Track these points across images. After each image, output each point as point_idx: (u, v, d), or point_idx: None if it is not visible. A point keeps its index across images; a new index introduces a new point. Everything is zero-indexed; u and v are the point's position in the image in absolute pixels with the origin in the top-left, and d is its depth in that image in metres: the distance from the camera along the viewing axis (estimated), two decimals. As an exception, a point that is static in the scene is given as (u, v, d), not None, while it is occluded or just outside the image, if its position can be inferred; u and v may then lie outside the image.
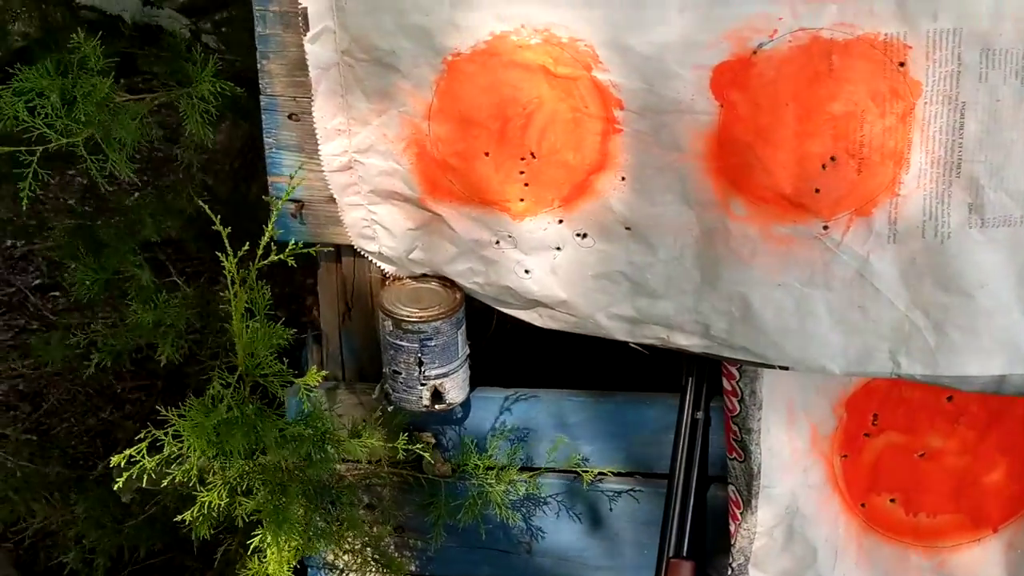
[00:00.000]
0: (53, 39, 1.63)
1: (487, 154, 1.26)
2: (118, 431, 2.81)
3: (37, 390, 2.98)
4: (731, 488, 1.45)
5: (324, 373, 1.24)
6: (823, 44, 1.13)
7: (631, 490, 1.53)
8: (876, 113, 1.15)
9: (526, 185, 1.27)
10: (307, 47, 1.24)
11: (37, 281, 3.48)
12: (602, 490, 1.53)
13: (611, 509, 1.55)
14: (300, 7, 1.22)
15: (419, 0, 1.18)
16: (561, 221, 1.29)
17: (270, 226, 1.18)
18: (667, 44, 1.15)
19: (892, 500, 1.44)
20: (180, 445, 1.15)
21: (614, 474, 1.51)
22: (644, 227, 1.26)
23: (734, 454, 1.42)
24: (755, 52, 1.14)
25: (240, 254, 1.16)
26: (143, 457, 1.15)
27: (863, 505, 1.45)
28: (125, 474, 1.22)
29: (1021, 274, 1.18)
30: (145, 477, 1.26)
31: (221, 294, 1.73)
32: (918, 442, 1.40)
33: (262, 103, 1.33)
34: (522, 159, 1.26)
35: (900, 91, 1.13)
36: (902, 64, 1.13)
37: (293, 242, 1.26)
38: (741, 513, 1.44)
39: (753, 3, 1.13)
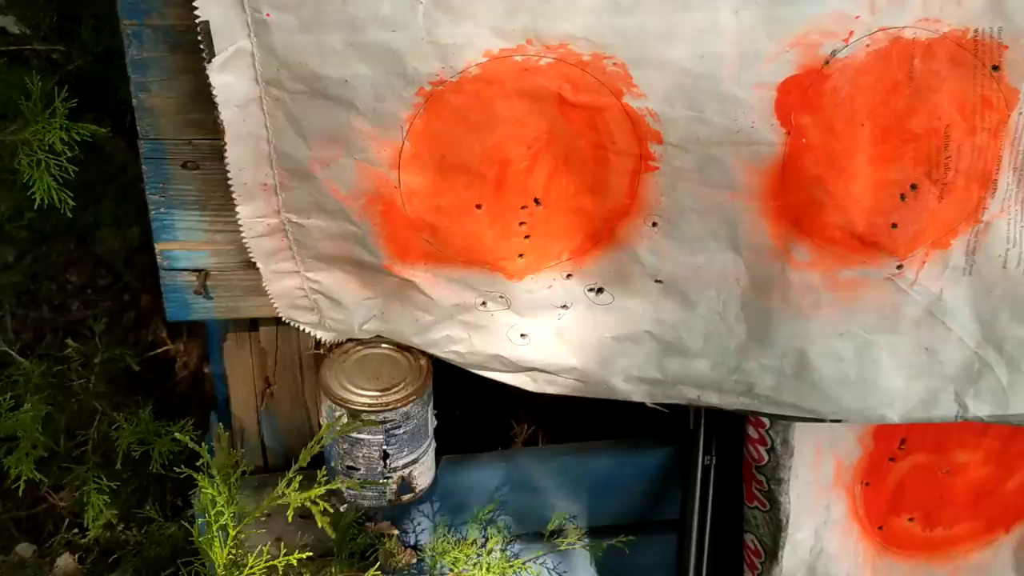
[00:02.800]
0: None
1: (479, 207, 0.95)
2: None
3: None
4: (749, 537, 1.28)
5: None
6: (904, 46, 0.90)
7: (628, 545, 1.32)
8: (964, 129, 0.93)
9: (527, 237, 0.98)
10: (213, 78, 0.86)
11: None
12: (591, 551, 1.31)
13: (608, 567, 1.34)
14: (198, 20, 0.84)
15: (379, 10, 0.83)
16: (570, 276, 1.02)
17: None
18: (721, 57, 0.87)
19: (911, 519, 1.32)
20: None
21: (611, 527, 1.29)
22: (680, 279, 1.00)
23: (756, 503, 1.24)
24: (828, 62, 0.89)
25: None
26: None
27: (880, 528, 1.32)
28: None
29: (1102, 301, 1.03)
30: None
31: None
32: (944, 460, 1.28)
33: (142, 150, 0.94)
34: (523, 208, 0.96)
35: (993, 100, 0.92)
36: (996, 67, 0.91)
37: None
38: (761, 563, 1.27)
39: (825, 0, 0.87)
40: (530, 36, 0.86)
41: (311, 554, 1.06)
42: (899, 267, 0.99)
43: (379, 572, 1.19)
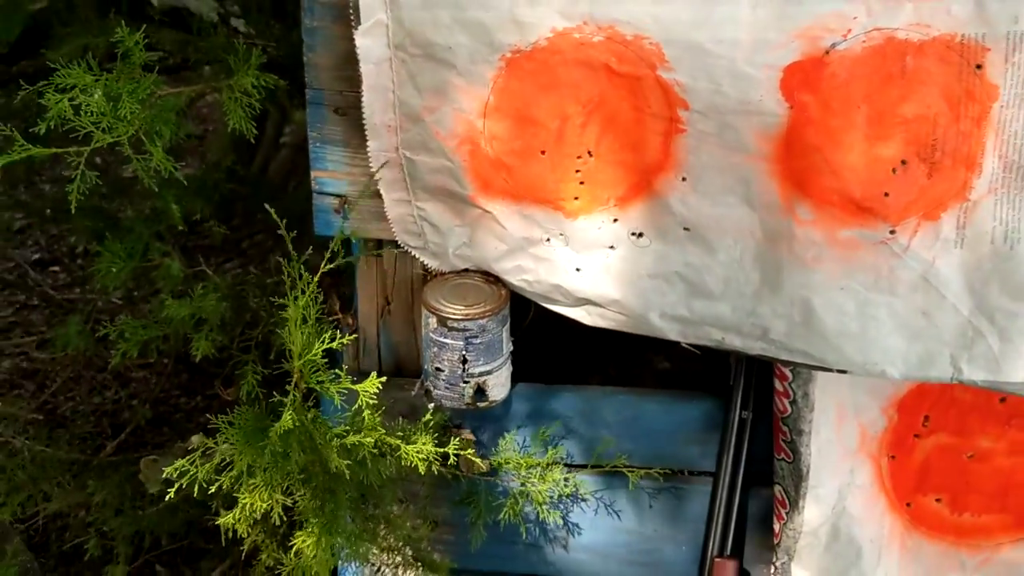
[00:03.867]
0: (76, 18, 1.56)
1: (543, 152, 1.22)
2: (125, 412, 2.78)
3: (41, 368, 2.93)
4: (777, 488, 1.44)
5: (383, 379, 1.20)
6: (898, 45, 1.10)
7: (671, 488, 1.51)
8: (950, 117, 1.12)
9: (582, 184, 1.24)
10: (358, 41, 1.19)
11: (36, 256, 3.41)
12: (641, 487, 1.51)
13: (650, 506, 1.53)
14: (352, -1, 1.17)
15: (478, -7, 1.13)
16: (616, 220, 1.26)
17: (338, 237, 1.14)
18: (737, 42, 1.11)
19: (938, 500, 1.43)
20: (230, 452, 1.12)
21: (659, 472, 1.49)
22: (704, 228, 1.22)
23: (782, 455, 1.41)
24: (827, 52, 1.11)
25: (304, 257, 1.11)
26: (195, 467, 1.11)
27: (909, 505, 1.44)
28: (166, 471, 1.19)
29: (1089, 281, 1.16)
30: (186, 480, 1.24)
31: (266, 280, 1.69)
32: (968, 443, 1.39)
33: (308, 96, 1.29)
34: (579, 158, 1.22)
35: (976, 94, 1.10)
36: (979, 66, 1.09)
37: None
38: (787, 513, 1.43)
39: (827, 2, 1.09)
40: (586, 19, 1.13)
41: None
42: (892, 232, 1.17)
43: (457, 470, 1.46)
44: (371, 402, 1.17)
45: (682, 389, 1.51)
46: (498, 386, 1.41)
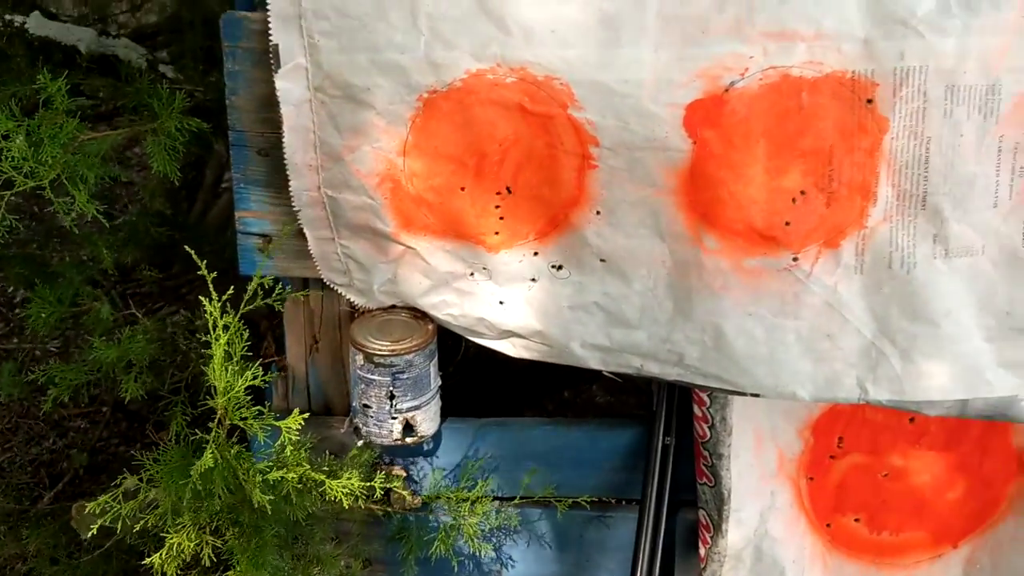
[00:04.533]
0: (7, 67, 1.58)
1: (463, 189, 1.26)
2: (62, 461, 2.74)
3: (-24, 419, 2.89)
4: (701, 512, 1.47)
5: (305, 415, 1.22)
6: (793, 82, 1.16)
7: (600, 516, 1.54)
8: (844, 148, 1.18)
9: (502, 219, 1.28)
10: (278, 84, 1.22)
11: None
12: (571, 517, 1.53)
13: (581, 535, 1.56)
14: (271, 44, 1.21)
15: (394, 38, 1.17)
16: (536, 253, 1.30)
17: (257, 275, 1.16)
18: (641, 82, 1.16)
19: (856, 520, 1.48)
20: (154, 490, 1.12)
21: (585, 501, 1.52)
22: (619, 259, 1.27)
23: (704, 479, 1.44)
24: (727, 90, 1.16)
25: (225, 297, 1.13)
26: (119, 504, 1.12)
27: (829, 525, 1.48)
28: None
29: (981, 302, 1.22)
30: (109, 517, 1.24)
31: (188, 325, 1.70)
32: (882, 462, 1.44)
33: (230, 139, 1.31)
34: (498, 193, 1.26)
35: (868, 127, 1.17)
36: (870, 101, 1.16)
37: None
38: (711, 537, 1.46)
39: (725, 43, 1.15)
40: (499, 60, 1.18)
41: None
42: (795, 259, 1.22)
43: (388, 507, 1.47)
44: (294, 438, 1.19)
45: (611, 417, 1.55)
46: (427, 421, 1.43)
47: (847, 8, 1.14)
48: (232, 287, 1.22)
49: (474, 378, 1.94)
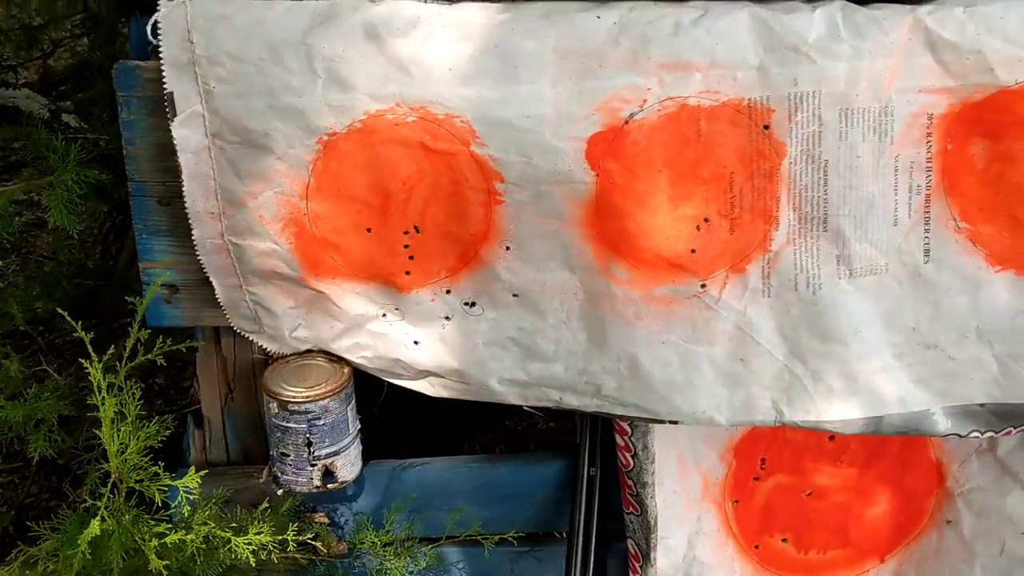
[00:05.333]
0: None
1: (370, 230, 1.24)
2: (-11, 519, 2.63)
3: None
4: (630, 542, 1.47)
5: (202, 474, 1.18)
6: (691, 111, 1.17)
7: (529, 551, 1.52)
8: (744, 174, 1.19)
9: (411, 258, 1.26)
10: (175, 132, 1.20)
11: None
12: (502, 553, 1.51)
13: (512, 571, 1.54)
14: (166, 92, 1.18)
15: (290, 82, 1.16)
16: (449, 291, 1.29)
17: (135, 328, 1.13)
18: (542, 117, 1.16)
19: (784, 540, 1.49)
20: (55, 562, 1.08)
21: (513, 537, 1.50)
22: (531, 293, 1.26)
23: (631, 508, 1.44)
24: (627, 122, 1.17)
25: (105, 358, 1.10)
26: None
27: (757, 547, 1.49)
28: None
29: (888, 319, 1.24)
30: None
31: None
32: (805, 482, 1.45)
33: (130, 189, 1.28)
34: (406, 233, 1.25)
35: (766, 152, 1.18)
36: (766, 127, 1.17)
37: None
38: (641, 566, 1.46)
39: (622, 76, 1.16)
40: (398, 100, 1.17)
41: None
42: (703, 286, 1.23)
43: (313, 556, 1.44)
44: (193, 497, 1.15)
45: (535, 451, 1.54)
46: (347, 466, 1.41)
47: (740, 37, 1.15)
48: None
49: (404, 416, 1.92)
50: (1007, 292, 1.23)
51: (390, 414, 1.91)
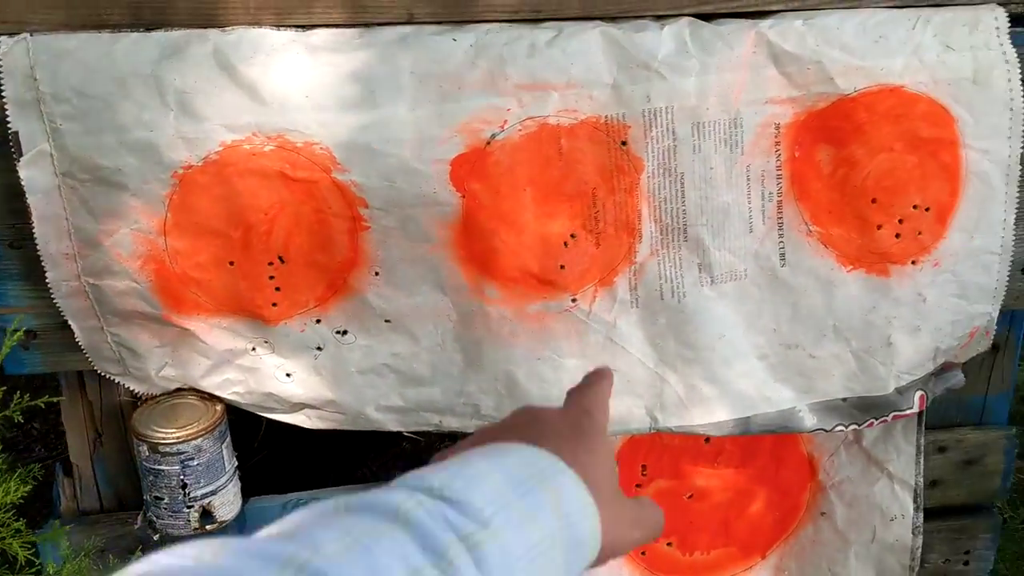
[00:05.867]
0: None
1: (232, 263, 1.22)
2: None
3: None
4: (520, 559, 1.47)
5: (66, 528, 1.13)
6: (551, 130, 1.19)
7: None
8: (606, 190, 1.22)
9: (278, 289, 1.24)
10: (21, 172, 1.15)
11: None
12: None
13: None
14: (10, 131, 1.14)
15: (141, 116, 1.13)
16: (319, 321, 1.27)
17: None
18: (403, 141, 1.16)
19: (669, 544, 1.52)
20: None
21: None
22: (404, 318, 1.26)
23: (518, 526, 1.44)
24: (489, 143, 1.18)
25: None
26: None
27: (643, 553, 1.51)
28: None
29: (750, 322, 1.29)
30: None
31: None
32: (685, 485, 1.49)
33: (-24, 233, 1.22)
34: (270, 264, 1.23)
35: (625, 167, 1.21)
36: (624, 143, 1.20)
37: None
38: (532, 582, 1.46)
39: (481, 97, 1.17)
40: (254, 130, 1.15)
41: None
42: (574, 300, 1.25)
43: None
44: (64, 553, 1.10)
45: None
46: (226, 505, 1.37)
47: (593, 57, 1.18)
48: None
49: (292, 447, 1.88)
50: (859, 290, 1.29)
51: (275, 446, 1.87)
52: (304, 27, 1.19)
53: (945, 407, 1.52)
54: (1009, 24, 1.25)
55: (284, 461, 1.86)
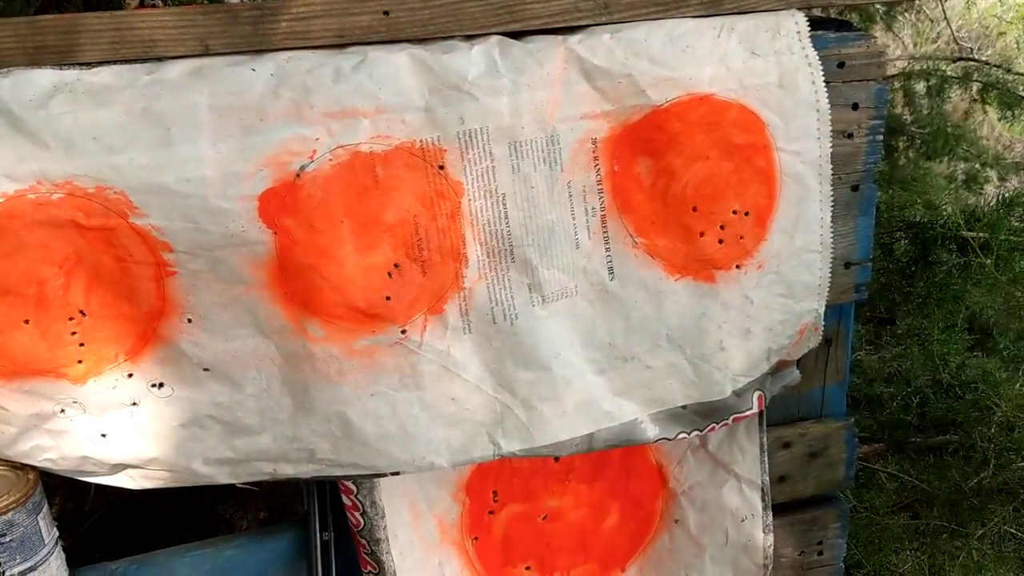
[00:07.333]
0: None
1: (27, 321, 1.12)
2: None
3: None
4: (374, 602, 1.42)
5: None
6: (364, 158, 1.15)
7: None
8: (428, 216, 1.18)
9: (82, 345, 1.16)
10: None
11: None
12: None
13: (258, 656, 1.44)
14: None
15: (-95, 168, 1.03)
16: (131, 375, 1.19)
17: None
18: (205, 179, 1.10)
19: (528, 568, 1.49)
20: None
21: (253, 620, 1.41)
22: (224, 365, 1.19)
23: (368, 568, 1.39)
24: (299, 175, 1.13)
25: None
26: None
27: (502, 581, 1.48)
28: None
29: (585, 339, 1.27)
30: None
31: None
32: (538, 507, 1.47)
33: None
34: (71, 319, 1.14)
35: (445, 192, 1.18)
36: (441, 167, 1.17)
37: None
38: (389, 625, 1.41)
39: (286, 128, 1.11)
40: (39, 178, 1.07)
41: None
42: (403, 332, 1.21)
43: None
44: None
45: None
46: (47, 580, 1.26)
47: (402, 80, 1.14)
48: None
49: (129, 505, 1.77)
50: (688, 298, 1.29)
51: (109, 507, 1.76)
52: (89, 64, 1.11)
53: (786, 403, 1.55)
54: (809, 28, 1.28)
55: (125, 518, 1.75)
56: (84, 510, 1.54)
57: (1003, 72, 3.75)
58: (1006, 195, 2.53)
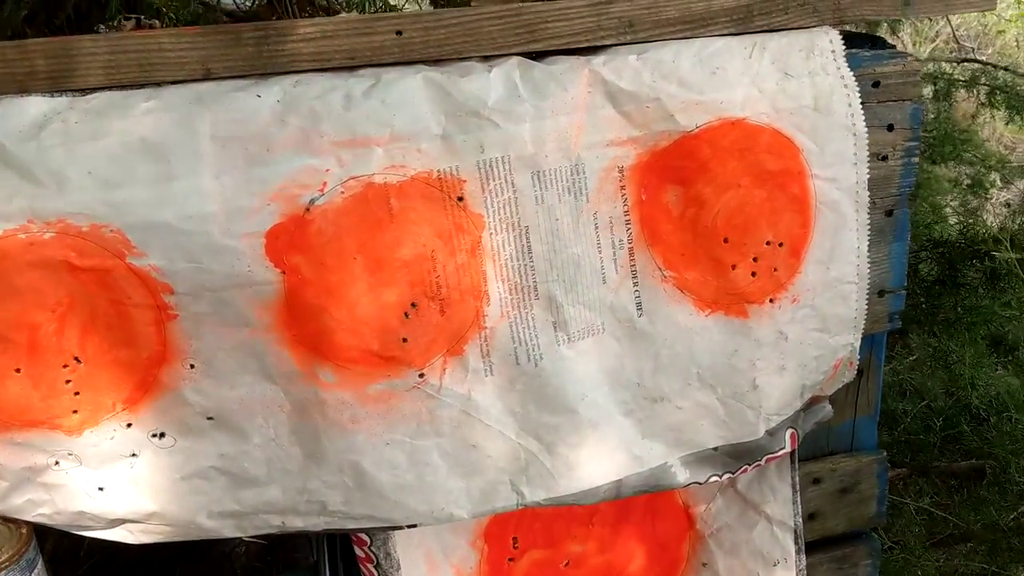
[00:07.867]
0: None
1: (19, 370, 1.04)
2: None
3: None
4: (388, 657, 1.34)
5: None
6: (378, 190, 1.07)
7: None
8: (446, 251, 1.11)
9: (77, 394, 1.08)
10: None
11: None
12: None
13: None
14: None
15: None
16: (130, 425, 1.11)
17: None
18: (208, 215, 1.02)
19: (550, 616, 1.41)
20: None
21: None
22: (229, 413, 1.11)
23: (383, 622, 1.31)
24: (308, 209, 1.05)
25: None
26: None
27: (523, 631, 1.40)
28: None
29: (613, 379, 1.20)
30: None
31: None
32: (560, 553, 1.39)
33: None
34: (65, 367, 1.06)
35: (464, 225, 1.10)
36: (460, 199, 1.10)
37: None
38: None
39: (295, 159, 1.04)
40: (30, 216, 0.99)
41: None
42: (421, 375, 1.13)
43: None
44: None
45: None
46: (40, 643, 1.18)
47: (417, 105, 1.07)
48: None
49: (127, 551, 1.68)
50: (719, 334, 1.22)
51: (106, 548, 1.67)
52: (83, 91, 1.03)
53: (815, 437, 1.47)
54: (844, 46, 1.21)
55: (129, 553, 1.67)
56: (80, 555, 1.45)
57: (1010, 75, 3.70)
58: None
